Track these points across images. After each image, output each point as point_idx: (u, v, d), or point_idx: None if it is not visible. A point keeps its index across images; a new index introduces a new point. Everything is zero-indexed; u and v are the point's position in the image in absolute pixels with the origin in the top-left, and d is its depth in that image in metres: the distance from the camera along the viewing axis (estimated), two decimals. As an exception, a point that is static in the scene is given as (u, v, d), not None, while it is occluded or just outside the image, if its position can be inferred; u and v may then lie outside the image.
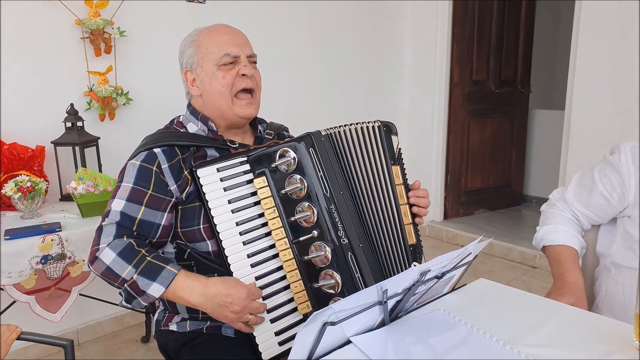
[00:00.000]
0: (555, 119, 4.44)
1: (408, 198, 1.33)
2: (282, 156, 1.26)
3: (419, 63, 4.13)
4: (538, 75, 4.86)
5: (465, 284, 1.30)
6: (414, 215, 1.34)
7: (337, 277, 1.24)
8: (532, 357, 0.94)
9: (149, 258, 1.18)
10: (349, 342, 1.00)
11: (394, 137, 1.34)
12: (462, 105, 4.16)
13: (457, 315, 1.11)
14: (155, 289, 1.16)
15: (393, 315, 1.08)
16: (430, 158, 4.17)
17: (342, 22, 3.66)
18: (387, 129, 1.34)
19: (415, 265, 0.95)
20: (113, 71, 2.55)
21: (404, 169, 1.35)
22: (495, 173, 4.52)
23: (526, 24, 4.39)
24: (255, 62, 1.42)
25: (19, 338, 1.25)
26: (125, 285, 1.17)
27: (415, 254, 1.32)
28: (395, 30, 4.04)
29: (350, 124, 1.32)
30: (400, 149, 1.36)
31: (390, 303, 1.02)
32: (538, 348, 0.98)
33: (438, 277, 1.08)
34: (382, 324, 1.06)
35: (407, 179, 1.35)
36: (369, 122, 1.33)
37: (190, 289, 1.17)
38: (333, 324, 0.89)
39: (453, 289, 1.26)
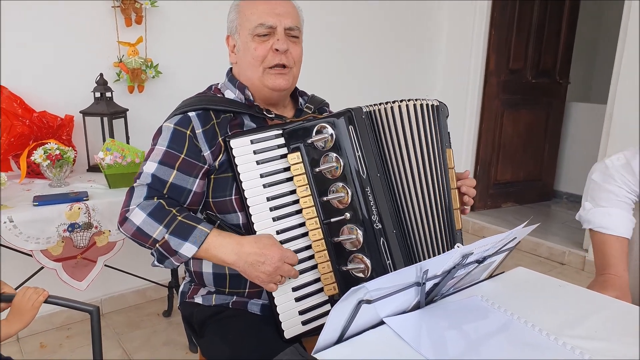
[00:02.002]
0: (593, 113, 4.28)
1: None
2: (319, 132, 1.18)
3: (455, 49, 4.02)
4: (576, 66, 4.65)
5: (503, 272, 1.24)
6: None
7: (367, 261, 1.18)
8: (579, 349, 0.89)
9: (180, 217, 1.15)
10: (381, 322, 0.96)
11: (446, 120, 1.28)
12: (497, 94, 4.04)
13: (496, 302, 1.06)
14: (187, 249, 1.13)
15: (429, 298, 1.03)
16: (461, 147, 4.07)
17: (380, 5, 3.58)
18: (443, 109, 1.27)
19: (458, 247, 0.89)
20: (143, 42, 2.52)
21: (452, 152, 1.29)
22: (526, 166, 4.39)
23: (570, 7, 4.17)
24: (296, 37, 1.33)
25: (46, 301, 1.25)
26: (157, 245, 1.15)
27: (460, 239, 1.26)
28: (432, 14, 3.94)
29: (409, 100, 1.23)
30: (449, 132, 1.30)
31: (428, 285, 0.98)
32: (584, 340, 0.93)
33: (479, 262, 1.03)
34: (417, 306, 1.02)
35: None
36: (426, 100, 1.25)
37: (223, 246, 1.14)
38: (369, 302, 0.85)
39: (491, 276, 1.21)
